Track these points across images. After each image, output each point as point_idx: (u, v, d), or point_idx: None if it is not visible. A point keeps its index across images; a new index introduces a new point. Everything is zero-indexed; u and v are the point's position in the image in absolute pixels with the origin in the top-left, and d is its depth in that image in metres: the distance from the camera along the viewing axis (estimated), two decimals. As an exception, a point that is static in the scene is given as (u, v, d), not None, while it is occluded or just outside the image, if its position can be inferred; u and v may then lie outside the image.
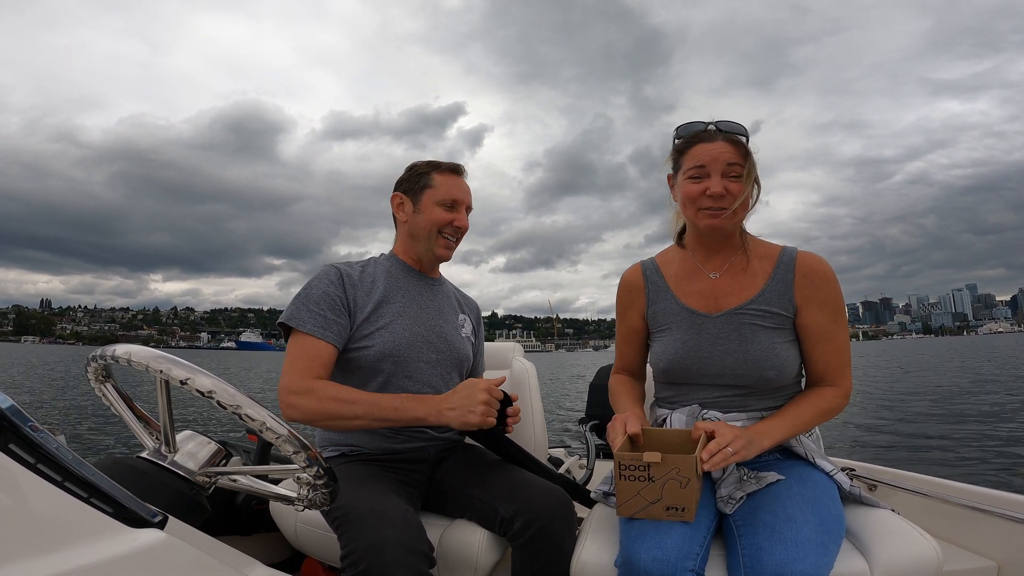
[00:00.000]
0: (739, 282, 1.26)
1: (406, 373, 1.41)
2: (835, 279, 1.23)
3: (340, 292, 1.39)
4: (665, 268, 1.36)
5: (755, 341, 1.20)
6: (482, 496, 1.30)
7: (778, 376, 1.20)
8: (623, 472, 1.00)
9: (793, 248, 1.26)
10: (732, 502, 1.08)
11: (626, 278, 1.41)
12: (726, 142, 1.19)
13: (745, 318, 1.22)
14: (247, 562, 0.74)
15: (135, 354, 0.78)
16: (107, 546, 0.56)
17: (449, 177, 1.51)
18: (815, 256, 1.24)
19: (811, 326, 1.21)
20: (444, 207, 1.49)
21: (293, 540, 1.40)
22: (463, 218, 1.52)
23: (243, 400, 0.76)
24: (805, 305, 1.21)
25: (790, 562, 0.90)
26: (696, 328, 1.26)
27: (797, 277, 1.22)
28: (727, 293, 1.26)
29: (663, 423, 1.30)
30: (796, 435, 1.18)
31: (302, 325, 1.31)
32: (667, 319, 1.31)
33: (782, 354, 1.20)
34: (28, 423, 0.55)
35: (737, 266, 1.28)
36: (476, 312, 1.70)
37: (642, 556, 0.96)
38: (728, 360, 1.21)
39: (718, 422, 1.13)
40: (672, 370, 1.28)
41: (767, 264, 1.26)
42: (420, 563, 1.04)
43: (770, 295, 1.23)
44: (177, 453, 0.87)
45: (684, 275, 1.32)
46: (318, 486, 0.84)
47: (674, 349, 1.27)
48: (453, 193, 1.49)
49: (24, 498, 0.53)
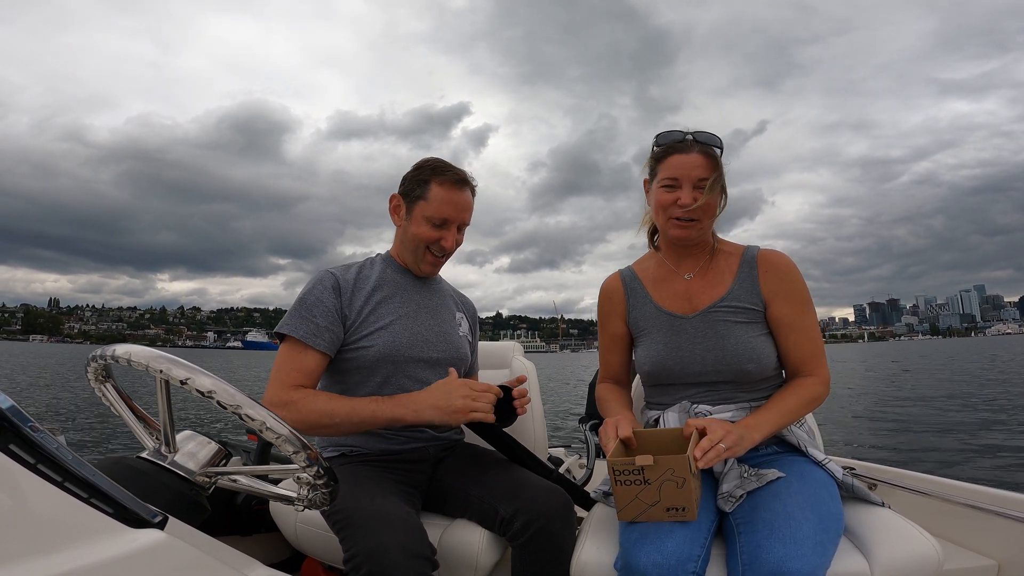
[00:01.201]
0: (710, 282, 1.32)
1: (405, 373, 1.41)
2: (797, 272, 1.28)
3: (334, 299, 1.38)
4: (642, 274, 1.41)
5: (731, 337, 1.25)
6: (482, 496, 1.30)
7: (757, 368, 1.24)
8: (618, 478, 1.00)
9: (755, 246, 1.33)
10: (732, 500, 1.09)
11: (606, 287, 1.45)
12: (701, 154, 1.24)
13: (719, 315, 1.27)
14: (247, 562, 0.74)
15: (135, 354, 0.78)
16: (107, 546, 0.56)
17: (448, 191, 1.42)
18: (776, 252, 1.31)
19: (781, 318, 1.26)
20: (432, 224, 1.43)
21: (293, 540, 1.40)
22: (451, 238, 1.46)
23: (243, 400, 0.76)
24: (773, 299, 1.27)
25: (788, 560, 0.90)
26: (675, 330, 1.30)
27: (760, 273, 1.28)
28: (700, 293, 1.31)
29: (656, 423, 1.32)
30: (785, 426, 1.21)
31: (294, 331, 1.32)
32: (647, 323, 1.35)
33: (758, 347, 1.24)
34: (28, 423, 0.55)
35: (708, 267, 1.33)
36: (472, 311, 1.70)
37: (642, 560, 0.96)
38: (708, 357, 1.25)
39: (709, 418, 1.16)
40: (657, 372, 1.31)
41: (733, 263, 1.32)
42: (422, 566, 1.04)
43: (739, 291, 1.28)
44: (177, 453, 0.87)
45: (660, 279, 1.37)
46: (318, 486, 0.84)
47: (656, 352, 1.31)
48: (444, 212, 1.42)
49: (24, 498, 0.53)
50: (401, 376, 1.41)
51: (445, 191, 1.43)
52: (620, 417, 1.20)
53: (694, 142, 1.26)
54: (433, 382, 1.44)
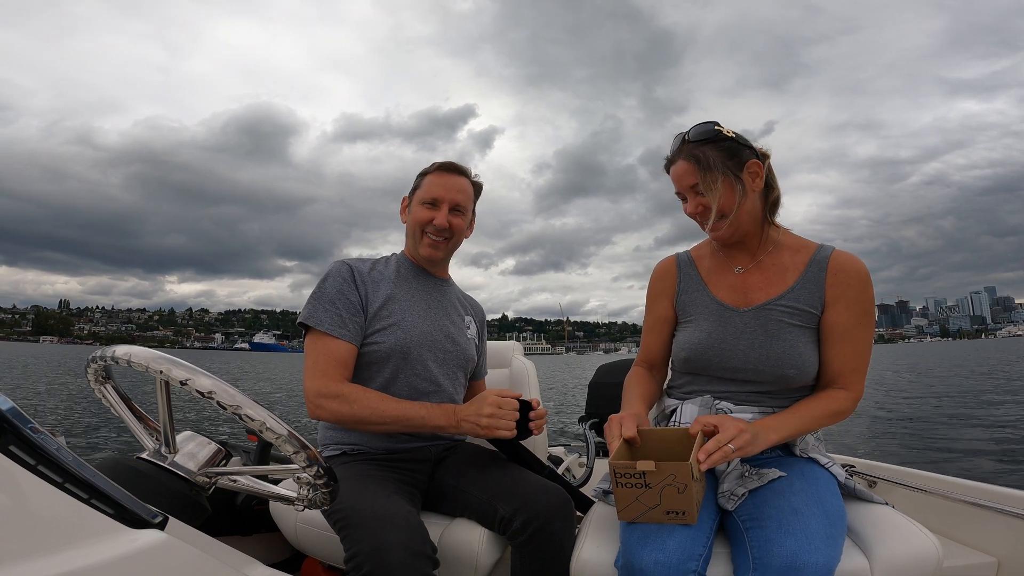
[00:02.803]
0: (769, 277, 1.26)
1: (414, 371, 1.42)
2: (869, 281, 1.21)
3: (353, 289, 1.41)
4: (699, 261, 1.37)
5: (780, 338, 1.20)
6: (482, 495, 1.30)
7: (798, 375, 1.19)
8: (619, 480, 0.99)
9: (830, 246, 1.26)
10: (734, 498, 1.08)
11: (660, 267, 1.43)
12: (685, 160, 1.22)
13: (773, 314, 1.22)
14: (247, 562, 0.74)
15: (135, 355, 0.78)
16: (108, 547, 0.56)
17: (437, 175, 1.50)
18: (851, 256, 1.23)
19: (835, 325, 1.19)
20: (425, 206, 1.49)
21: (293, 540, 1.40)
22: (442, 216, 1.47)
23: (243, 400, 0.76)
24: (833, 303, 1.20)
25: (802, 553, 0.90)
26: (723, 321, 1.26)
27: (829, 275, 1.21)
28: (757, 288, 1.26)
29: (671, 414, 1.30)
30: (803, 434, 1.17)
31: (320, 324, 1.34)
32: (696, 309, 1.31)
33: (805, 353, 1.19)
34: (28, 424, 0.55)
35: (767, 261, 1.28)
36: (480, 315, 1.72)
37: (644, 559, 0.96)
38: (751, 355, 1.21)
39: (722, 416, 1.11)
40: (693, 359, 1.28)
41: (800, 260, 1.25)
42: (424, 566, 1.04)
43: (800, 292, 1.22)
44: (177, 454, 0.87)
45: (715, 269, 1.34)
46: (318, 486, 0.84)
47: (698, 339, 1.27)
48: (433, 191, 1.48)
49: (24, 499, 0.53)
50: (410, 373, 1.42)
51: (435, 176, 1.51)
52: (626, 415, 1.16)
53: (679, 149, 1.23)
54: (440, 381, 1.47)
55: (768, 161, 1.25)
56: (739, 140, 1.22)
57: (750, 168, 1.21)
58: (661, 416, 1.36)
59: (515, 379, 1.88)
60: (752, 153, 1.22)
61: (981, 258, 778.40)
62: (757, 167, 1.21)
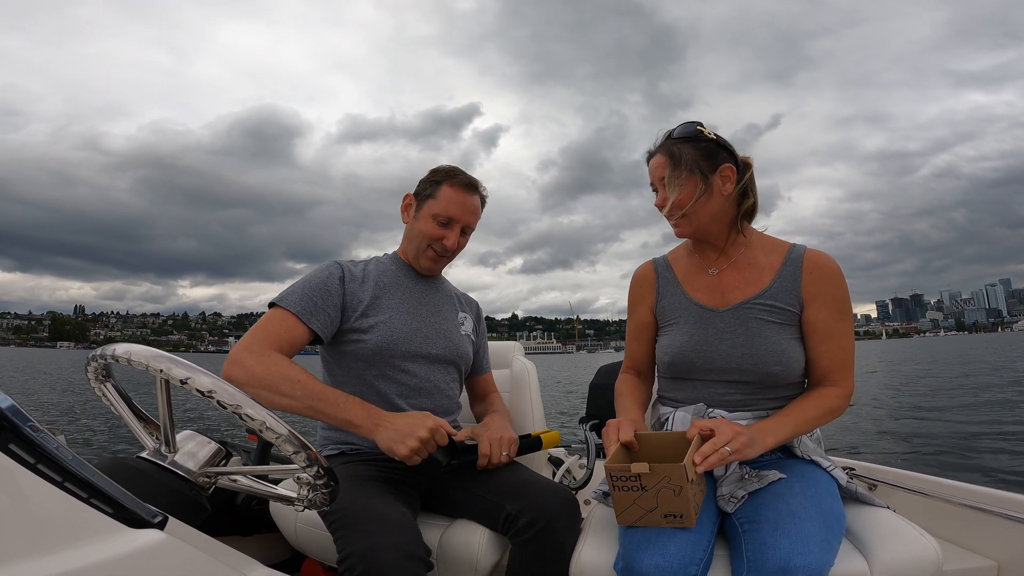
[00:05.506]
0: (745, 277, 1.27)
1: (401, 367, 1.43)
2: (842, 277, 1.23)
3: (339, 287, 1.41)
4: (675, 264, 1.39)
5: (761, 336, 1.21)
6: (486, 494, 1.30)
7: (784, 372, 1.20)
8: (616, 483, 0.99)
9: (802, 246, 1.28)
10: (734, 501, 1.08)
11: (638, 274, 1.44)
12: (660, 154, 1.25)
13: (752, 312, 1.23)
14: (247, 562, 0.74)
15: (135, 353, 0.77)
16: (107, 546, 0.56)
17: (457, 192, 1.48)
18: (823, 254, 1.25)
19: (816, 323, 1.21)
20: (438, 222, 1.47)
21: (293, 540, 1.40)
22: (453, 237, 1.48)
23: (243, 400, 0.76)
24: (811, 301, 1.22)
25: (795, 556, 0.90)
26: (703, 322, 1.27)
27: (804, 273, 1.23)
28: (733, 288, 1.27)
29: (665, 422, 1.30)
30: (800, 434, 1.18)
31: (290, 305, 1.32)
32: (675, 313, 1.32)
33: (788, 350, 1.20)
34: (28, 423, 0.55)
35: (741, 261, 1.29)
36: (477, 311, 1.72)
37: (644, 562, 0.96)
38: (734, 354, 1.22)
39: (718, 419, 1.12)
40: (677, 363, 1.28)
41: (775, 260, 1.27)
42: (417, 567, 1.03)
43: (777, 290, 1.24)
44: (177, 453, 0.87)
45: (692, 271, 1.35)
46: (318, 486, 0.84)
47: (680, 342, 1.28)
48: (450, 210, 1.46)
49: (24, 498, 0.53)
50: (397, 370, 1.42)
51: (454, 191, 1.48)
52: (623, 419, 1.17)
53: (661, 144, 1.26)
54: (432, 378, 1.47)
55: (750, 171, 1.28)
56: (720, 143, 1.24)
57: (723, 172, 1.23)
58: (656, 424, 1.37)
59: (515, 380, 1.87)
60: (730, 158, 1.24)
61: (995, 250, 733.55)
62: (730, 171, 1.23)
